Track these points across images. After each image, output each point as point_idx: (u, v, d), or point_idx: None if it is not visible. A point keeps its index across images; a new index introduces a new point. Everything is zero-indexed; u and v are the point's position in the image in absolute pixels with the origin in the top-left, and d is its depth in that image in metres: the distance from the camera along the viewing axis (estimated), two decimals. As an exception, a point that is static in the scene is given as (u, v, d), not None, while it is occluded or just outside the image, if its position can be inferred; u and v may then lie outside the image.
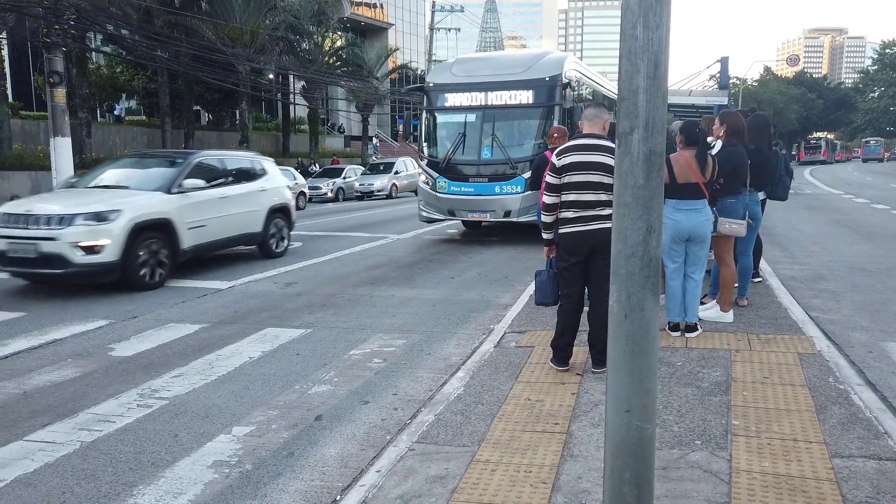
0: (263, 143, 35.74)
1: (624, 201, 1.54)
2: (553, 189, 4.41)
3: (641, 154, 1.51)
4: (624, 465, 1.62)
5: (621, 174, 1.55)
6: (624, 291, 1.56)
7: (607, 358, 1.68)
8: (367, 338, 5.82)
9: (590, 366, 4.62)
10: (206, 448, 3.65)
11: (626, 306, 1.56)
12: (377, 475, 3.20)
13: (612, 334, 1.63)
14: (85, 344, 5.78)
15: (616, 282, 1.58)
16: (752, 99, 55.64)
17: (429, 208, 11.72)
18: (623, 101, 1.53)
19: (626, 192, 1.53)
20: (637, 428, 1.60)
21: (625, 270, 1.55)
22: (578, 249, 4.39)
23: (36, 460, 3.51)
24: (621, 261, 1.56)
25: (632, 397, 1.60)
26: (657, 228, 1.53)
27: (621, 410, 1.60)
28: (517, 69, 11.33)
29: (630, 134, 1.52)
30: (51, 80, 16.89)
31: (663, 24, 1.48)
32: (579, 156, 4.34)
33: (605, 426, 1.75)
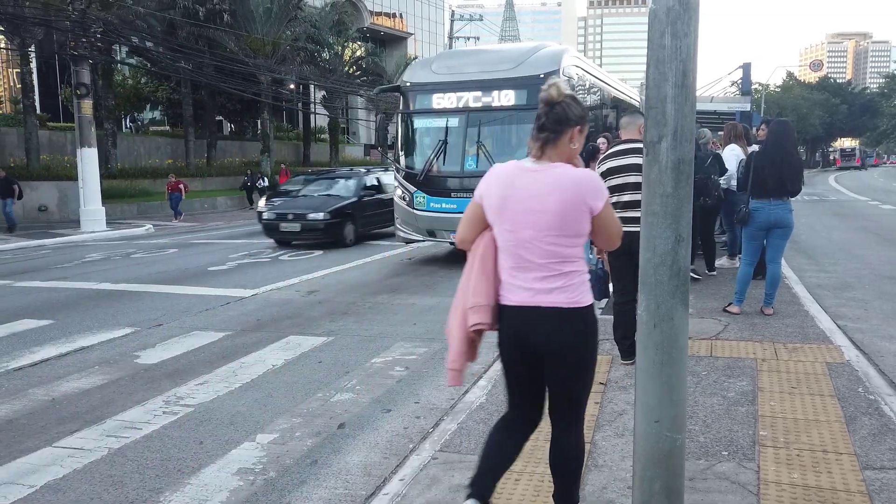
0: (284, 153, 36.08)
1: (652, 210, 1.53)
2: None
3: (670, 163, 1.50)
4: (654, 475, 1.60)
5: (649, 183, 1.54)
6: (653, 301, 1.55)
7: (636, 368, 1.66)
8: (388, 346, 5.83)
9: (616, 376, 4.59)
10: (230, 455, 3.68)
11: (656, 316, 1.55)
12: (400, 484, 3.20)
13: (640, 343, 1.62)
14: (111, 351, 5.86)
15: (644, 291, 1.57)
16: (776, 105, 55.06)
17: (406, 227, 10.24)
18: (651, 109, 1.53)
19: (655, 200, 1.52)
20: (667, 438, 1.58)
21: (654, 279, 1.54)
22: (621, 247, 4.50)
23: (65, 466, 3.57)
24: (650, 270, 1.54)
25: (661, 407, 1.58)
26: (686, 237, 1.52)
27: (651, 421, 1.59)
28: (507, 65, 9.70)
29: (658, 143, 1.51)
30: (77, 92, 17.24)
31: (691, 32, 1.47)
32: (616, 161, 4.74)
33: (633, 436, 1.74)
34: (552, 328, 2.31)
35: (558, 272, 2.28)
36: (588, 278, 2.37)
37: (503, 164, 2.41)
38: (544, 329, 2.32)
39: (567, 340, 2.31)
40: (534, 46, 10.34)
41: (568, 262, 2.28)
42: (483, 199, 2.42)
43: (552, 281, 2.28)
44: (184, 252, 12.88)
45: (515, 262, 2.35)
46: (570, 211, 2.21)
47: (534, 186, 2.28)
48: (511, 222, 2.33)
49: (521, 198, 2.31)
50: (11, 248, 14.30)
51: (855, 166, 66.40)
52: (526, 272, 2.34)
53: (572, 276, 2.29)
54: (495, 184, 2.40)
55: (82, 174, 17.76)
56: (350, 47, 36.26)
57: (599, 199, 2.18)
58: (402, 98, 10.34)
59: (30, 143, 22.02)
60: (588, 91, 11.60)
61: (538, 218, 2.26)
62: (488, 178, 2.43)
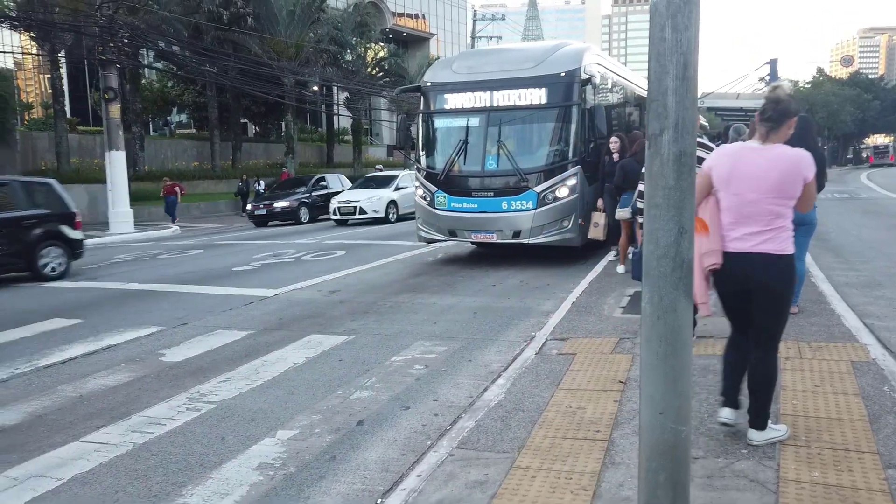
0: (308, 154, 36.41)
1: (655, 202, 1.52)
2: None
3: (672, 155, 1.50)
4: (658, 467, 1.60)
5: (652, 176, 1.54)
6: (656, 293, 1.54)
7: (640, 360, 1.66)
8: (408, 344, 5.86)
9: (636, 375, 4.56)
10: (251, 451, 3.74)
11: (659, 307, 1.54)
12: (417, 480, 3.22)
13: (644, 335, 1.62)
14: (137, 350, 5.98)
15: (648, 283, 1.57)
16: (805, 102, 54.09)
17: (427, 227, 10.26)
18: (652, 102, 1.52)
19: (658, 193, 1.52)
20: (671, 430, 1.58)
21: (657, 272, 1.53)
22: None
23: (91, 460, 3.66)
24: (653, 262, 1.54)
25: (665, 399, 1.58)
26: (689, 229, 1.51)
27: (655, 412, 1.59)
28: (528, 64, 9.69)
29: (660, 135, 1.51)
30: (106, 96, 17.59)
31: (692, 25, 1.47)
32: None
33: (639, 428, 1.74)
34: (760, 270, 3.10)
35: (771, 227, 3.08)
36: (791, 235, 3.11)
37: (729, 144, 3.32)
38: (754, 270, 3.11)
39: (771, 279, 3.11)
40: (555, 45, 10.30)
41: (779, 219, 3.08)
42: (712, 170, 3.22)
43: (765, 234, 3.08)
44: (209, 253, 13.07)
45: (737, 218, 3.14)
46: (787, 179, 3.04)
47: (759, 161, 3.09)
48: (737, 188, 3.13)
49: (746, 169, 3.11)
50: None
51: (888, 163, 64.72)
52: (745, 226, 3.12)
53: (780, 230, 3.09)
54: (724, 159, 3.22)
55: (111, 177, 18.11)
56: (373, 48, 36.45)
57: (811, 171, 3.06)
58: (423, 98, 10.37)
59: (60, 146, 22.53)
60: (610, 89, 11.53)
61: (761, 184, 3.07)
62: (716, 156, 3.29)
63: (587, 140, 9.72)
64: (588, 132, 9.69)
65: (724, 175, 3.19)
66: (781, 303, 3.18)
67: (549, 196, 9.43)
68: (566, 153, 9.57)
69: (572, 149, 9.55)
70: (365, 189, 19.96)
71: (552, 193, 9.43)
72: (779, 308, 3.19)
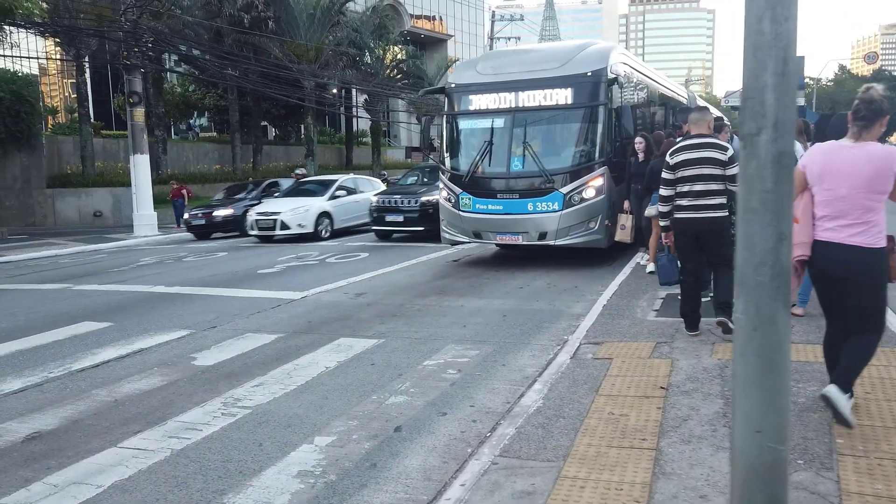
0: (328, 157, 36.54)
1: (751, 207, 1.44)
2: (669, 184, 5.40)
3: (770, 156, 1.41)
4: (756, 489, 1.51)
5: (747, 178, 1.45)
6: (752, 303, 1.46)
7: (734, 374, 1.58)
8: (439, 348, 5.80)
9: (677, 380, 4.46)
10: (290, 458, 3.69)
11: (756, 319, 1.46)
12: (462, 489, 3.15)
13: (739, 349, 1.53)
14: (169, 353, 5.98)
15: (743, 293, 1.48)
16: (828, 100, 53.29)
17: (451, 229, 10.18)
18: (748, 100, 1.44)
19: (754, 197, 1.43)
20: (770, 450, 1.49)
21: (753, 280, 1.45)
22: (687, 231, 5.42)
23: (130, 467, 3.63)
24: (748, 270, 1.45)
25: (763, 417, 1.49)
26: (788, 235, 1.43)
27: (751, 430, 1.50)
28: (554, 64, 9.59)
29: (757, 135, 1.42)
30: (130, 101, 17.75)
31: (792, 16, 1.38)
32: (690, 153, 5.29)
33: (731, 447, 1.65)
34: (852, 261, 3.28)
35: (862, 220, 3.26)
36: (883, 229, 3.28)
37: (824, 143, 3.45)
38: (845, 261, 3.28)
39: (861, 271, 3.28)
40: (581, 44, 10.19)
41: (870, 213, 3.26)
42: (805, 167, 3.42)
43: (857, 227, 3.27)
44: (233, 255, 13.11)
45: (830, 212, 3.33)
46: (879, 175, 3.23)
47: (852, 158, 3.27)
48: (830, 183, 3.32)
49: (839, 166, 3.29)
50: (69, 253, 14.79)
51: None
52: (838, 220, 3.31)
53: (872, 223, 3.27)
54: (818, 157, 3.41)
55: (135, 180, 18.27)
56: (391, 51, 36.48)
57: None
58: (448, 99, 10.33)
59: (85, 150, 22.79)
60: (635, 88, 11.41)
61: (854, 180, 3.25)
62: (811, 154, 3.48)
63: (613, 140, 9.62)
64: (614, 132, 9.59)
65: (816, 171, 3.38)
66: (874, 292, 3.35)
67: (575, 197, 9.33)
68: (593, 154, 9.47)
69: (599, 149, 9.44)
70: (293, 198, 16.22)
71: (579, 194, 9.33)
72: (871, 297, 3.35)
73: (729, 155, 5.24)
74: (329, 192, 16.17)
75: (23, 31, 19.22)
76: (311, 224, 15.23)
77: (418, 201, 13.84)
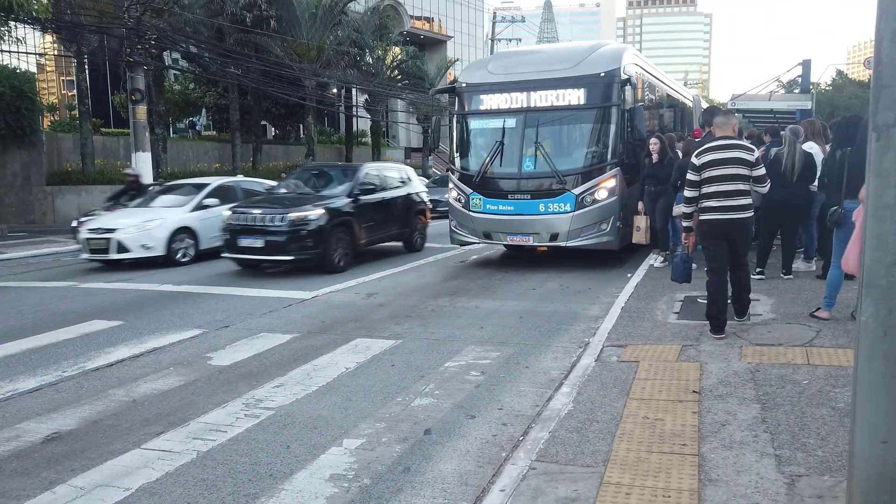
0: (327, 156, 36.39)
1: (885, 202, 1.35)
2: (693, 185, 5.35)
3: None
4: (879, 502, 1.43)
5: (881, 172, 1.36)
6: (883, 305, 1.38)
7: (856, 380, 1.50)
8: (459, 350, 5.72)
9: (709, 384, 4.39)
10: (320, 461, 3.60)
11: (886, 322, 1.38)
12: (502, 495, 3.07)
13: (865, 353, 1.45)
14: (183, 353, 5.88)
15: (871, 294, 1.40)
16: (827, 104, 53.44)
17: (461, 229, 10.09)
18: (884, 88, 1.36)
19: (889, 192, 1.34)
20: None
21: (885, 281, 1.37)
22: (717, 233, 5.38)
23: (156, 469, 3.53)
24: (880, 270, 1.37)
25: (891, 426, 1.41)
26: (927, 234, 1.34)
27: (877, 441, 1.42)
28: (566, 64, 9.51)
29: (894, 126, 1.34)
30: (133, 98, 17.62)
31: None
32: (718, 153, 5.27)
33: (850, 457, 1.57)
34: None
35: None
36: None
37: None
38: None
39: None
40: (593, 45, 10.16)
41: None
42: None
43: None
44: None
45: None
46: None
47: None
48: None
49: None
50: (72, 250, 14.63)
51: None
52: None
53: None
54: None
55: (137, 178, 18.11)
56: (392, 51, 36.40)
57: None
58: (458, 99, 10.25)
59: (85, 148, 22.59)
60: (648, 90, 11.38)
61: None
62: None
63: (626, 141, 9.55)
64: (627, 133, 9.52)
65: None
66: None
67: (587, 198, 9.26)
68: (605, 155, 9.40)
69: (611, 150, 9.38)
70: (144, 208, 12.08)
71: (591, 196, 9.26)
72: None
73: (756, 156, 5.31)
74: (196, 201, 11.84)
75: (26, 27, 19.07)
76: (161, 245, 11.02)
77: (286, 219, 9.63)
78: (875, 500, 1.44)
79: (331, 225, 9.92)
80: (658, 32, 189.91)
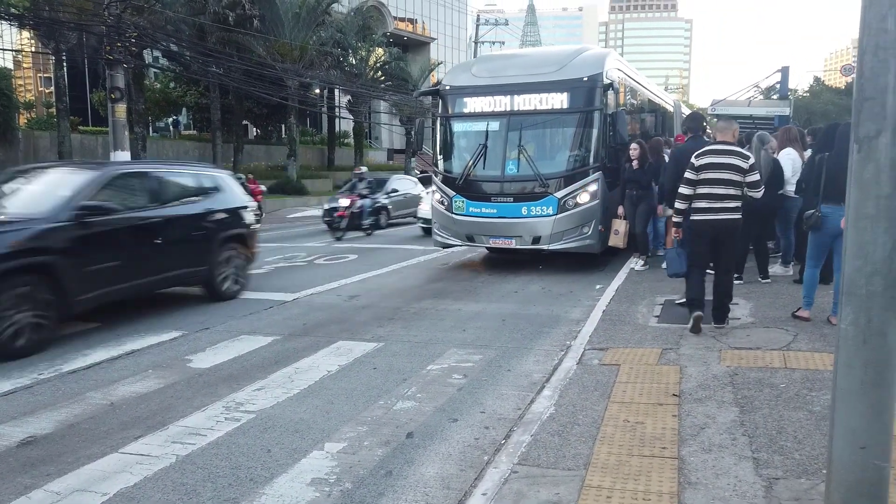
0: (310, 157, 36.29)
1: (865, 213, 1.38)
2: (690, 183, 5.60)
3: (889, 161, 1.36)
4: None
5: (862, 183, 1.39)
6: (863, 314, 1.40)
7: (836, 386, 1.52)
8: (441, 352, 5.72)
9: (688, 388, 4.43)
10: (301, 464, 3.58)
11: (866, 330, 1.40)
12: (484, 498, 3.08)
13: (845, 360, 1.47)
14: (162, 355, 5.81)
15: (852, 303, 1.43)
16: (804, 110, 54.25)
17: (444, 231, 10.14)
18: (867, 101, 1.38)
19: (868, 203, 1.37)
20: (874, 467, 1.44)
21: (865, 290, 1.39)
22: (705, 233, 5.62)
23: (135, 474, 3.49)
24: (861, 279, 1.40)
25: (869, 432, 1.44)
26: (907, 244, 1.37)
27: (856, 447, 1.44)
28: (549, 68, 9.60)
29: (876, 138, 1.36)
30: (112, 96, 17.39)
31: (919, 16, 1.33)
32: (715, 157, 5.53)
33: (829, 463, 1.60)
34: None
35: None
36: None
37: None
38: None
39: None
40: (577, 49, 10.25)
41: None
42: None
43: None
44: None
45: None
46: None
47: None
48: None
49: None
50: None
51: None
52: None
53: None
54: None
55: (115, 177, 17.88)
56: (375, 52, 36.35)
57: None
58: (442, 101, 10.28)
59: (63, 146, 22.29)
60: (630, 95, 11.48)
61: None
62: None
63: (608, 146, 9.63)
64: (609, 137, 9.60)
65: None
66: None
67: (569, 202, 9.31)
68: (587, 159, 9.46)
69: (594, 154, 9.44)
70: None
71: (573, 199, 9.31)
72: None
73: (750, 163, 5.55)
74: None
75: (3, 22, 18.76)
76: None
77: None
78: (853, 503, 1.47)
79: None
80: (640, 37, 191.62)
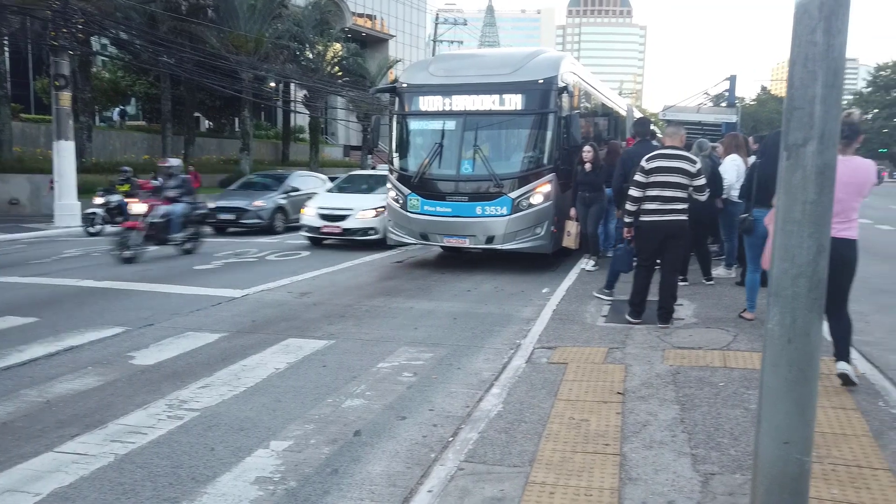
0: (263, 152, 35.64)
1: (792, 217, 1.44)
2: (640, 186, 5.82)
3: (815, 168, 1.42)
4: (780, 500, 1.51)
5: (790, 189, 1.45)
6: (788, 314, 1.46)
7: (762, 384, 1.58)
8: (392, 350, 5.71)
9: (632, 386, 4.52)
10: (245, 463, 3.52)
11: (791, 330, 1.46)
12: (429, 496, 3.09)
13: (771, 360, 1.53)
14: (103, 351, 5.64)
15: (778, 304, 1.49)
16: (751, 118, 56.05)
17: (398, 230, 10.11)
18: (796, 110, 1.44)
19: (796, 208, 1.43)
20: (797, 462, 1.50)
21: (790, 292, 1.45)
22: (655, 235, 5.88)
23: (70, 473, 3.38)
24: (787, 281, 1.46)
25: (792, 428, 1.49)
26: (827, 247, 1.44)
27: (779, 442, 1.50)
28: (505, 69, 9.68)
29: (803, 146, 1.42)
30: (56, 84, 16.76)
31: (844, 29, 1.39)
32: (665, 161, 5.79)
33: (755, 458, 1.65)
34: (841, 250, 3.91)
35: (850, 219, 4.12)
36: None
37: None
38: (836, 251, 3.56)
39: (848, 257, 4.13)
40: (533, 52, 10.33)
41: (854, 212, 4.16)
42: None
43: (845, 224, 4.07)
44: (164, 250, 12.52)
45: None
46: (865, 183, 4.15)
47: (844, 169, 3.62)
48: None
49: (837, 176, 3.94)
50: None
51: None
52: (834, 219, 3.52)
53: (855, 221, 4.16)
54: None
55: (58, 168, 17.25)
56: (333, 47, 35.95)
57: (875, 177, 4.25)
58: (398, 99, 10.26)
59: (2, 134, 21.37)
60: (584, 99, 11.64)
61: (847, 188, 3.97)
62: None
63: (562, 147, 9.75)
64: (563, 140, 9.73)
65: None
66: (853, 273, 4.25)
67: (523, 202, 9.40)
68: (541, 160, 9.57)
69: (547, 156, 9.56)
70: None
71: (526, 200, 9.41)
72: (850, 276, 4.26)
73: (697, 168, 5.79)
74: None
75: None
76: None
77: None
78: (776, 499, 1.53)
79: None
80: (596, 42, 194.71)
